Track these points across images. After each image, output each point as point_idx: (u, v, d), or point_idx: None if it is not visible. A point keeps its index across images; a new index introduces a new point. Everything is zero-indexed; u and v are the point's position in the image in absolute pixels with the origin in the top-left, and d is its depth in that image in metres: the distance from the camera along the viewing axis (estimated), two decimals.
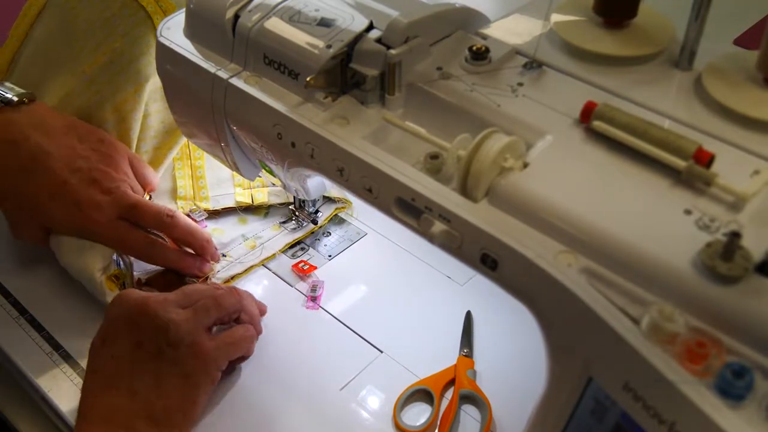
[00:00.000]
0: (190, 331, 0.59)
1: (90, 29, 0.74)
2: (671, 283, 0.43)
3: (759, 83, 0.53)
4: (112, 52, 0.74)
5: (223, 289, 0.65)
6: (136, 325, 0.59)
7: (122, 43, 0.74)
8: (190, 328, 0.60)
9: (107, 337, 0.60)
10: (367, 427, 0.62)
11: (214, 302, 0.62)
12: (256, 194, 0.81)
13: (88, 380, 0.59)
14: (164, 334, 0.58)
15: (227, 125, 0.65)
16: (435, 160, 0.52)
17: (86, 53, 0.74)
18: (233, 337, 0.63)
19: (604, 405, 0.45)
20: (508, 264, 0.48)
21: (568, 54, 0.59)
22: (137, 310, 0.60)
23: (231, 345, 0.63)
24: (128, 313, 0.60)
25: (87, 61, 0.74)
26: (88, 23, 0.74)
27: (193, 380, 0.59)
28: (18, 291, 0.73)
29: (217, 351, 0.61)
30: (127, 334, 0.59)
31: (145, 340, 0.58)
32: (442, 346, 0.68)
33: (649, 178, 0.48)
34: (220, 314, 0.63)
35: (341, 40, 0.57)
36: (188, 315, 0.60)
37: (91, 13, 0.74)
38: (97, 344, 0.60)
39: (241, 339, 0.64)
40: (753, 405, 0.39)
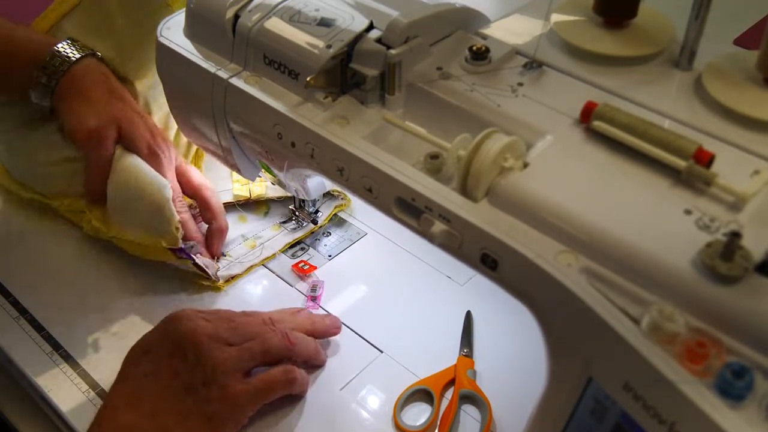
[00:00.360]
0: (226, 372, 0.58)
1: (137, 41, 0.75)
2: (671, 283, 0.43)
3: (759, 83, 0.53)
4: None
5: (276, 331, 0.63)
6: (181, 354, 0.58)
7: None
8: (228, 368, 0.58)
9: (151, 351, 0.59)
10: (367, 427, 0.62)
11: (261, 347, 0.61)
12: (254, 188, 0.81)
13: (118, 388, 0.58)
14: (202, 372, 0.58)
15: (227, 125, 0.65)
16: (435, 160, 0.52)
17: (135, 67, 0.76)
18: (268, 382, 0.61)
19: (604, 405, 0.45)
20: (508, 264, 0.48)
21: (568, 54, 0.59)
22: (189, 339, 0.59)
23: (264, 390, 0.61)
24: (179, 338, 0.59)
25: (136, 75, 0.77)
26: (135, 34, 0.75)
27: (216, 423, 0.58)
28: (18, 291, 0.73)
29: (247, 396, 0.59)
30: (170, 359, 0.58)
31: (184, 372, 0.58)
32: (442, 346, 0.68)
33: (649, 178, 0.48)
34: (265, 360, 0.61)
35: (341, 40, 0.57)
36: (232, 354, 0.59)
37: (136, 23, 0.75)
38: (138, 353, 0.59)
39: (276, 383, 0.61)
40: (753, 405, 0.39)
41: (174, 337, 0.59)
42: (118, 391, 0.58)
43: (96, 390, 0.65)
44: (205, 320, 0.61)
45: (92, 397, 0.64)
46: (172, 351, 0.58)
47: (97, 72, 0.74)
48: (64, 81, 0.72)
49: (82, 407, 0.63)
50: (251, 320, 0.64)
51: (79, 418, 0.63)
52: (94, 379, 0.65)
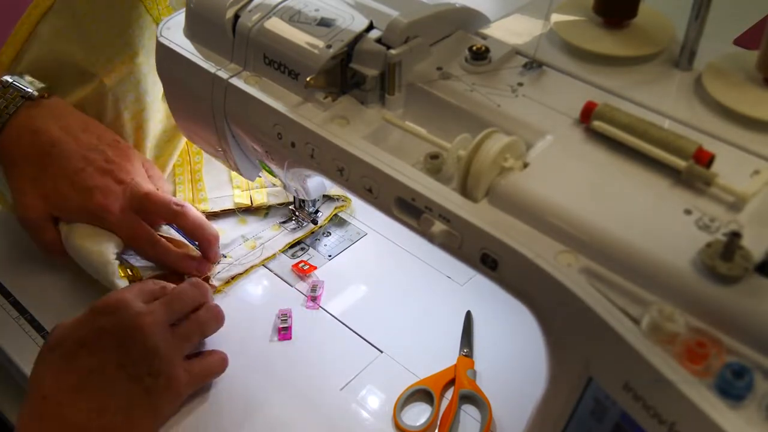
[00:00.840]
0: (171, 361, 0.60)
1: (107, 38, 0.74)
2: (671, 283, 0.43)
3: (759, 83, 0.53)
4: (133, 64, 0.74)
5: (206, 308, 0.66)
6: (124, 348, 0.58)
7: (142, 56, 0.75)
8: (173, 357, 0.60)
9: (88, 344, 0.58)
10: (367, 427, 0.62)
11: (198, 328, 0.64)
12: (255, 195, 0.81)
13: (60, 379, 0.57)
14: (149, 362, 0.59)
15: (227, 125, 0.65)
16: (435, 160, 0.52)
17: (103, 61, 0.74)
18: (207, 369, 0.64)
19: (604, 405, 0.45)
20: (508, 264, 0.48)
21: (568, 54, 0.59)
22: (131, 330, 0.59)
23: (204, 377, 0.64)
24: (119, 329, 0.59)
25: (104, 69, 0.74)
26: (104, 31, 0.74)
27: (160, 411, 0.60)
28: (18, 291, 0.73)
29: (188, 386, 0.62)
30: (113, 352, 0.58)
31: (129, 365, 0.58)
32: (442, 346, 0.68)
33: (649, 178, 0.48)
34: (202, 338, 0.65)
35: (341, 40, 0.57)
36: (173, 343, 0.61)
37: (106, 21, 0.74)
38: (72, 346, 0.58)
39: (214, 370, 0.65)
40: (753, 405, 0.39)
41: (113, 329, 0.59)
42: (60, 385, 0.57)
43: None
44: (140, 302, 0.61)
45: None
46: (114, 344, 0.58)
47: (28, 133, 0.70)
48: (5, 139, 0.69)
49: None
50: (183, 289, 0.65)
51: None
52: None
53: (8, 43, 0.76)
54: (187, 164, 0.84)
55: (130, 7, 0.73)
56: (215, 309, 0.67)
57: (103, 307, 0.61)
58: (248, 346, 0.68)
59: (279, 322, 0.70)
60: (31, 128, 0.70)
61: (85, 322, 0.60)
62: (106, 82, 0.74)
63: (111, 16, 0.74)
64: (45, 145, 0.70)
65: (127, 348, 0.58)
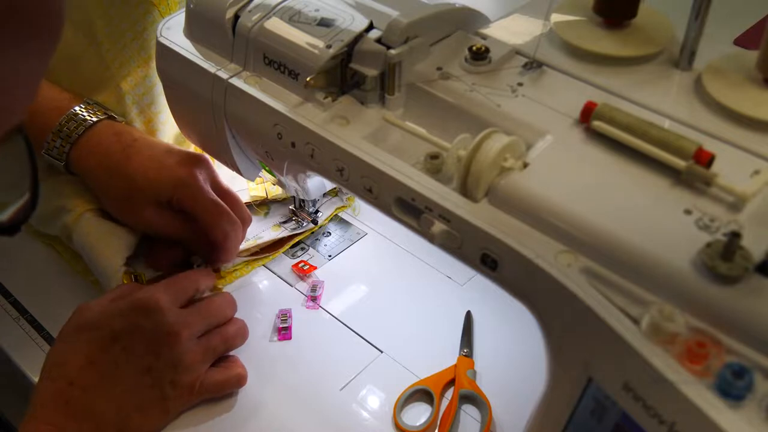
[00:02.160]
0: (193, 373, 0.61)
1: (122, 42, 0.74)
2: (671, 283, 0.43)
3: (759, 83, 0.53)
4: (148, 68, 0.75)
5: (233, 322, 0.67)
6: (156, 352, 0.60)
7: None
8: (195, 370, 0.62)
9: (122, 339, 0.59)
10: (367, 427, 0.62)
11: (224, 343, 0.65)
12: (270, 187, 0.81)
13: (83, 370, 0.58)
14: (174, 372, 0.60)
15: (227, 125, 0.65)
16: (435, 160, 0.52)
17: (117, 66, 0.75)
18: (223, 385, 0.64)
19: (604, 405, 0.45)
20: (508, 264, 0.48)
21: (568, 54, 0.59)
22: (167, 338, 0.60)
23: (218, 391, 0.64)
24: (156, 334, 0.60)
25: (119, 73, 0.75)
26: (118, 35, 0.74)
27: (170, 414, 0.61)
28: (18, 291, 0.73)
29: (199, 395, 0.63)
30: (144, 355, 0.59)
31: (155, 370, 0.60)
32: (442, 346, 0.68)
33: (649, 178, 0.48)
34: (225, 352, 0.66)
35: (341, 40, 0.57)
36: (200, 357, 0.62)
37: (120, 25, 0.74)
38: (105, 338, 0.59)
39: (228, 387, 0.65)
40: (753, 405, 0.39)
41: (150, 332, 0.60)
42: (88, 373, 0.58)
43: None
44: (176, 307, 0.62)
45: None
46: (148, 347, 0.59)
47: (111, 135, 0.72)
48: (80, 145, 0.71)
49: None
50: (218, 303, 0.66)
51: None
52: None
53: None
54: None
55: (144, 11, 0.73)
56: (242, 325, 0.67)
57: (141, 306, 0.61)
58: (248, 346, 0.68)
59: (279, 322, 0.70)
60: (113, 131, 0.72)
61: (121, 314, 0.61)
62: (122, 86, 0.75)
63: (125, 20, 0.74)
64: (128, 139, 0.72)
65: (158, 354, 0.60)
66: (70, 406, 0.56)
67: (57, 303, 0.72)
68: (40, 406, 0.57)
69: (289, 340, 0.69)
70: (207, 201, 0.69)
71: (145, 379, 0.59)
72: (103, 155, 0.71)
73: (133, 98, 0.76)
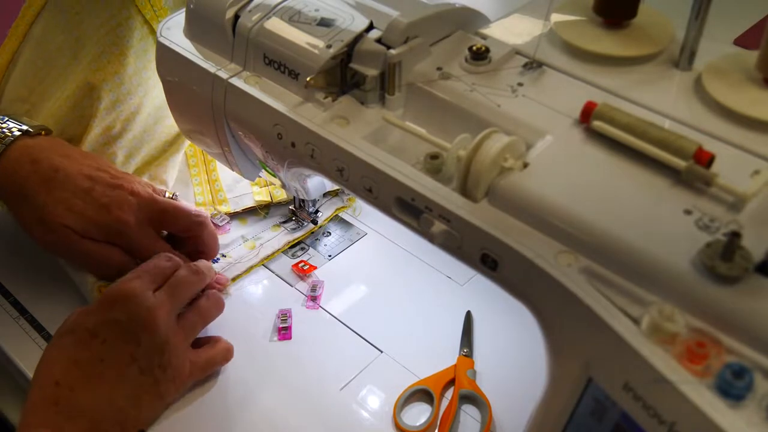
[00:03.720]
0: (178, 354, 0.62)
1: (95, 36, 0.73)
2: (671, 283, 0.43)
3: (759, 83, 0.53)
4: (119, 64, 0.74)
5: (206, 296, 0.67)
6: (136, 340, 0.59)
7: (130, 57, 0.74)
8: (180, 351, 0.62)
9: (101, 334, 0.59)
10: (367, 427, 0.62)
11: (201, 317, 0.66)
12: (275, 191, 0.81)
13: (68, 370, 0.58)
14: (160, 355, 0.60)
15: (227, 125, 0.65)
16: (435, 160, 0.52)
17: (89, 59, 0.74)
18: (212, 361, 0.65)
19: (604, 405, 0.45)
20: (508, 264, 0.48)
21: (568, 54, 0.59)
22: (143, 324, 0.60)
23: (208, 368, 0.65)
24: (132, 322, 0.60)
25: (89, 67, 0.73)
26: (92, 29, 0.73)
27: (165, 399, 0.62)
28: (18, 291, 0.73)
29: (192, 376, 0.63)
30: (124, 345, 0.59)
31: (140, 358, 0.59)
32: (442, 346, 0.68)
33: (649, 178, 0.48)
34: (204, 326, 0.67)
35: (341, 40, 0.57)
36: (181, 336, 0.62)
37: (94, 19, 0.73)
38: (84, 335, 0.59)
39: (218, 362, 0.66)
40: (753, 405, 0.39)
41: (127, 322, 0.60)
42: (72, 372, 0.58)
43: None
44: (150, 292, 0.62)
45: None
46: (126, 337, 0.59)
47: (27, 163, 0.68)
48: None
49: None
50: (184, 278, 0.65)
51: None
52: None
53: (4, 45, 0.76)
54: (202, 164, 0.84)
55: (120, 6, 0.72)
56: (214, 296, 0.68)
57: (115, 298, 0.61)
58: (248, 346, 0.68)
59: (279, 322, 0.70)
60: (30, 159, 0.68)
61: (97, 311, 0.61)
62: (90, 79, 0.73)
63: (100, 14, 0.73)
64: (48, 171, 0.68)
65: (139, 341, 0.59)
66: (60, 406, 0.56)
67: (57, 303, 0.72)
68: (31, 414, 0.56)
69: (289, 340, 0.69)
70: (143, 248, 0.69)
71: (132, 369, 0.59)
72: (19, 185, 0.67)
73: (100, 93, 0.74)
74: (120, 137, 0.76)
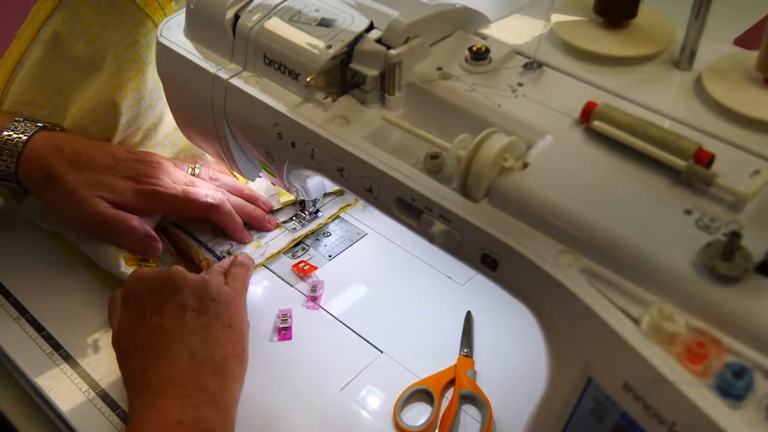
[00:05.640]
0: (217, 284, 0.64)
1: (114, 52, 0.74)
2: (671, 283, 0.43)
3: (759, 83, 0.53)
4: (139, 81, 0.74)
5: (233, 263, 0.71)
6: (177, 289, 0.62)
7: (149, 72, 0.75)
8: (216, 282, 0.65)
9: (146, 310, 0.61)
10: (367, 427, 0.62)
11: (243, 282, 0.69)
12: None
13: (140, 356, 0.59)
14: (206, 291, 0.63)
15: (227, 125, 0.65)
16: (435, 160, 0.52)
17: (109, 75, 0.74)
18: (245, 280, 0.69)
19: (604, 405, 0.45)
20: (508, 264, 0.48)
21: (568, 54, 0.59)
22: (169, 277, 0.63)
23: (245, 287, 0.68)
24: (162, 282, 0.62)
25: (111, 83, 0.74)
26: (111, 44, 0.74)
27: (237, 327, 0.63)
28: (18, 291, 0.73)
29: (241, 298, 0.66)
30: (169, 300, 0.61)
31: (189, 300, 0.61)
32: (442, 346, 0.68)
33: (649, 178, 0.48)
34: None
35: (341, 41, 0.57)
36: (205, 275, 0.65)
37: (113, 34, 0.74)
38: (134, 322, 0.61)
39: (248, 276, 0.70)
40: (753, 405, 0.39)
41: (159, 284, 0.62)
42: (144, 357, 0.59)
43: (96, 390, 0.65)
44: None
45: (92, 397, 0.64)
46: (169, 293, 0.62)
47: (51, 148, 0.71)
48: (22, 164, 0.71)
49: (82, 407, 0.63)
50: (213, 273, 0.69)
51: (79, 418, 0.63)
52: (94, 379, 0.65)
53: (12, 45, 0.76)
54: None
55: (137, 23, 0.73)
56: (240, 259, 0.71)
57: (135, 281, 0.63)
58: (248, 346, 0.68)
59: (279, 322, 0.70)
60: (53, 145, 0.71)
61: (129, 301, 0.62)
62: (111, 95, 0.74)
63: (117, 29, 0.73)
64: (72, 153, 0.71)
65: (179, 290, 0.62)
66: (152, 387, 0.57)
67: (57, 303, 0.72)
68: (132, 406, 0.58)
69: (289, 340, 0.69)
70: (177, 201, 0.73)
71: (190, 315, 0.60)
72: (47, 170, 0.70)
73: (120, 109, 0.75)
74: (141, 144, 0.79)
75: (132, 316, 0.61)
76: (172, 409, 0.55)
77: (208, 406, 0.56)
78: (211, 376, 0.58)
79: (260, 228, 0.79)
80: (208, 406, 0.56)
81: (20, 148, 0.70)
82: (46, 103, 0.76)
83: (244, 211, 0.78)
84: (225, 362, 0.60)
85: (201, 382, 0.57)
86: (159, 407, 0.56)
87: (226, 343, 0.61)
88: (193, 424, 0.55)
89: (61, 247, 0.77)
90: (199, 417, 0.55)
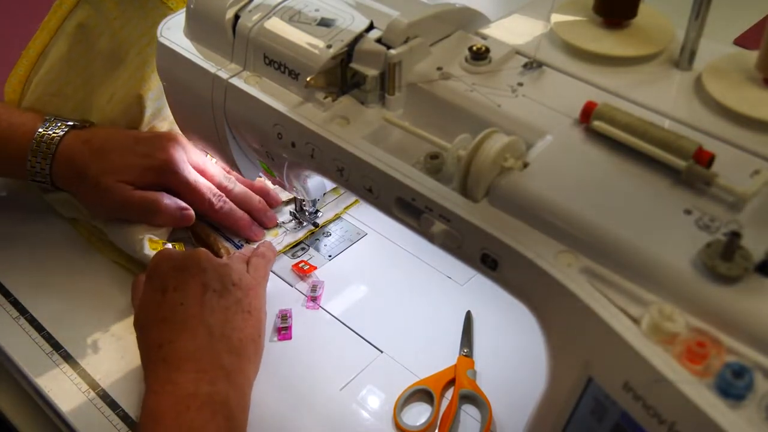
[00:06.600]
0: (239, 270, 0.66)
1: (138, 46, 0.74)
2: (671, 283, 0.43)
3: (759, 83, 0.53)
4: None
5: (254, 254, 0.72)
6: (201, 270, 0.63)
7: None
8: (238, 269, 0.66)
9: (168, 287, 0.62)
10: (367, 427, 0.62)
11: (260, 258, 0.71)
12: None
13: (159, 330, 0.60)
14: (229, 275, 0.64)
15: (227, 125, 0.65)
16: (435, 160, 0.52)
17: (133, 68, 0.75)
18: (265, 270, 0.70)
19: (604, 405, 0.45)
20: (508, 264, 0.48)
21: (568, 54, 0.59)
22: (195, 258, 0.64)
23: (265, 277, 0.69)
24: (188, 261, 0.63)
25: (136, 76, 0.75)
26: (134, 38, 0.74)
27: (255, 314, 0.64)
28: (18, 291, 0.73)
29: (260, 287, 0.67)
30: (193, 279, 0.62)
31: (212, 281, 0.63)
32: (442, 346, 0.68)
33: (649, 178, 0.48)
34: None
35: (341, 40, 0.57)
36: (228, 261, 0.67)
37: (135, 29, 0.74)
38: (158, 297, 0.61)
39: (269, 266, 0.72)
40: (753, 405, 0.39)
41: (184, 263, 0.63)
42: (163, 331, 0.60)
43: (96, 390, 0.65)
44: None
45: (92, 397, 0.64)
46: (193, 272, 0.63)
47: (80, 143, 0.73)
48: (57, 162, 0.72)
49: (82, 407, 0.63)
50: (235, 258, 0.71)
51: (79, 418, 0.63)
52: (94, 379, 0.65)
53: (35, 37, 0.76)
54: None
55: (160, 16, 0.72)
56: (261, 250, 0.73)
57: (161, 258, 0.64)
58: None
59: (279, 322, 0.70)
60: (82, 139, 0.73)
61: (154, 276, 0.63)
62: (136, 89, 0.75)
63: (139, 24, 0.74)
64: (98, 141, 0.73)
65: (203, 271, 0.63)
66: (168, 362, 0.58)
67: (57, 303, 0.72)
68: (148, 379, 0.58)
69: (289, 340, 0.69)
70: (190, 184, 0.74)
71: (211, 296, 0.62)
72: (77, 167, 0.72)
73: (145, 102, 0.76)
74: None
75: (155, 291, 0.62)
76: (187, 383, 0.56)
77: (223, 381, 0.57)
78: (226, 354, 0.59)
79: (259, 222, 0.79)
80: (223, 382, 0.57)
81: (53, 150, 0.71)
82: (72, 95, 0.77)
83: (248, 202, 0.78)
84: (242, 344, 0.61)
85: (217, 359, 0.58)
86: (174, 381, 0.56)
87: (244, 327, 0.62)
88: (208, 396, 0.55)
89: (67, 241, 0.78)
90: (214, 391, 0.56)
